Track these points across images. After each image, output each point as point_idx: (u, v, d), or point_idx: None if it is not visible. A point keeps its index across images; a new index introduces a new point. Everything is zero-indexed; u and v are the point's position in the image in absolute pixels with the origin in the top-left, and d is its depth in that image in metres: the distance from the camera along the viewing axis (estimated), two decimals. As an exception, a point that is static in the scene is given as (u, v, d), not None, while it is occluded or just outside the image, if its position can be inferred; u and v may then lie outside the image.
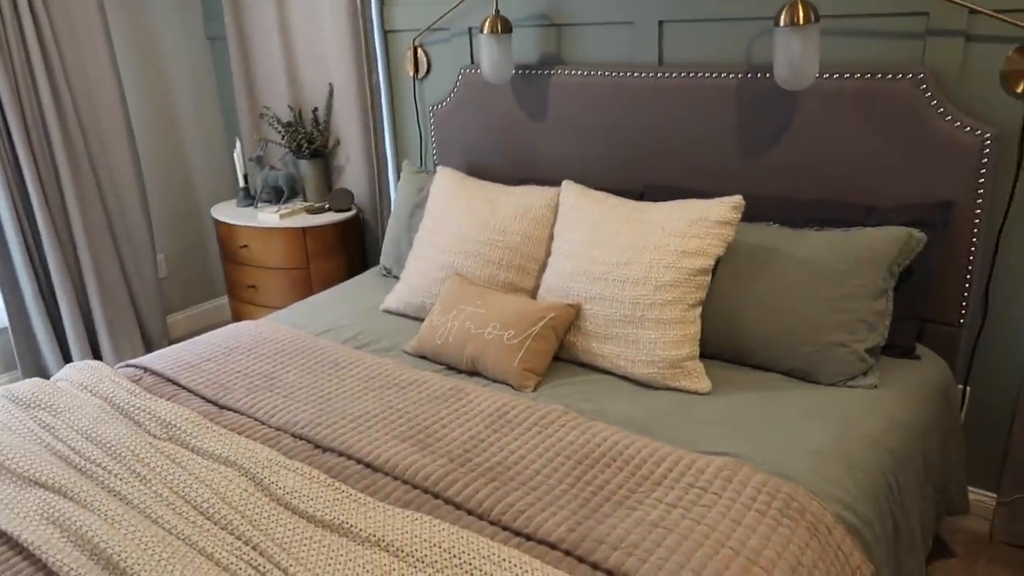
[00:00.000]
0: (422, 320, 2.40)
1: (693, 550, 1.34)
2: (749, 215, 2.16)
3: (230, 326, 2.39)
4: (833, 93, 2.07)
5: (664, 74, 2.33)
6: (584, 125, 2.53)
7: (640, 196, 2.38)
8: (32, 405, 1.85)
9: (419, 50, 2.95)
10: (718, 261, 1.98)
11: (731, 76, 2.22)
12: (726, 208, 1.94)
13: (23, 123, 2.89)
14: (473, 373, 2.06)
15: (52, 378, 2.03)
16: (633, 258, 1.96)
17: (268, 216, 3.16)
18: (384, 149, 3.22)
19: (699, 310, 1.95)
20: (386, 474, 1.61)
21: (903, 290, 1.97)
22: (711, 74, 2.25)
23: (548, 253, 2.27)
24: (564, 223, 2.18)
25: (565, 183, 2.27)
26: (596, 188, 2.29)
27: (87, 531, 1.38)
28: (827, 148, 2.11)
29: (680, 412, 1.82)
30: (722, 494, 1.47)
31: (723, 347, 2.00)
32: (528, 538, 1.41)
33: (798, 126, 2.14)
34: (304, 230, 3.11)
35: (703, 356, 2.02)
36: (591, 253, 2.04)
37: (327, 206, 3.27)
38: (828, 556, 1.40)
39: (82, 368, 2.04)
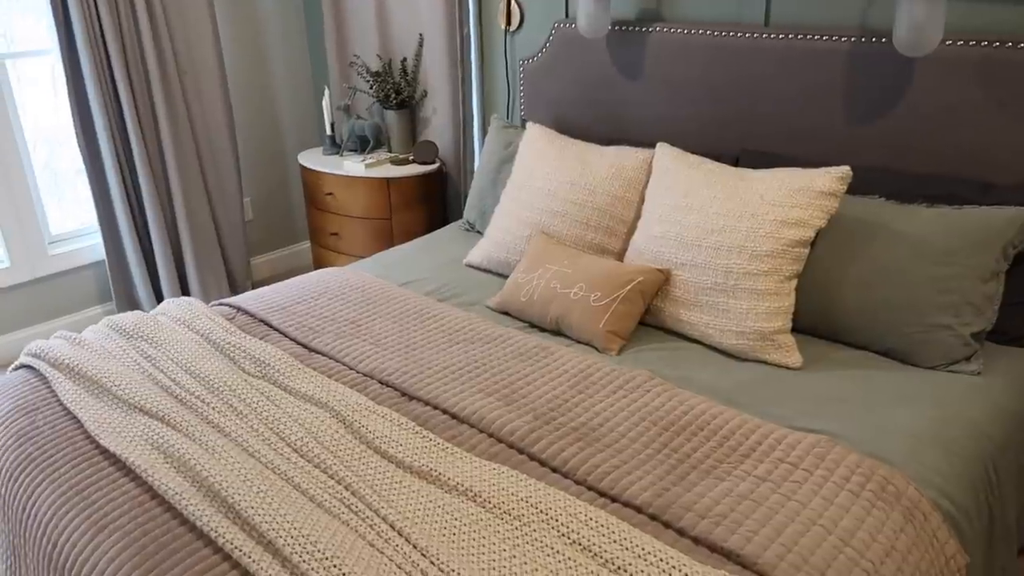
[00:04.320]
0: (505, 276, 2.40)
1: (784, 525, 1.31)
2: (852, 187, 2.07)
3: (316, 272, 2.44)
4: (954, 60, 1.95)
5: (770, 35, 2.24)
6: (680, 86, 2.46)
7: (735, 161, 2.31)
8: (135, 336, 1.93)
9: (513, 2, 2.90)
10: (818, 233, 1.91)
11: (843, 39, 2.11)
12: (832, 179, 1.86)
13: (125, 68, 2.97)
14: (556, 332, 2.06)
15: (151, 312, 2.11)
16: (729, 225, 1.91)
17: (354, 165, 3.19)
18: (471, 102, 3.20)
19: (795, 282, 1.89)
20: (471, 426, 1.63)
21: (1015, 274, 1.87)
22: (821, 36, 2.15)
23: (638, 216, 2.23)
24: (657, 186, 2.13)
25: (660, 145, 2.22)
26: (689, 151, 2.23)
27: (189, 459, 1.44)
28: (943, 119, 2.00)
29: (769, 386, 1.78)
30: (814, 471, 1.44)
31: (817, 322, 1.94)
32: (613, 500, 1.41)
33: (912, 95, 2.03)
34: (388, 181, 3.13)
35: (795, 331, 1.97)
36: (685, 218, 1.99)
37: (411, 158, 3.28)
38: (923, 543, 1.36)
39: (179, 304, 2.11)
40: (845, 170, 1.87)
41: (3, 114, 2.90)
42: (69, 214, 3.27)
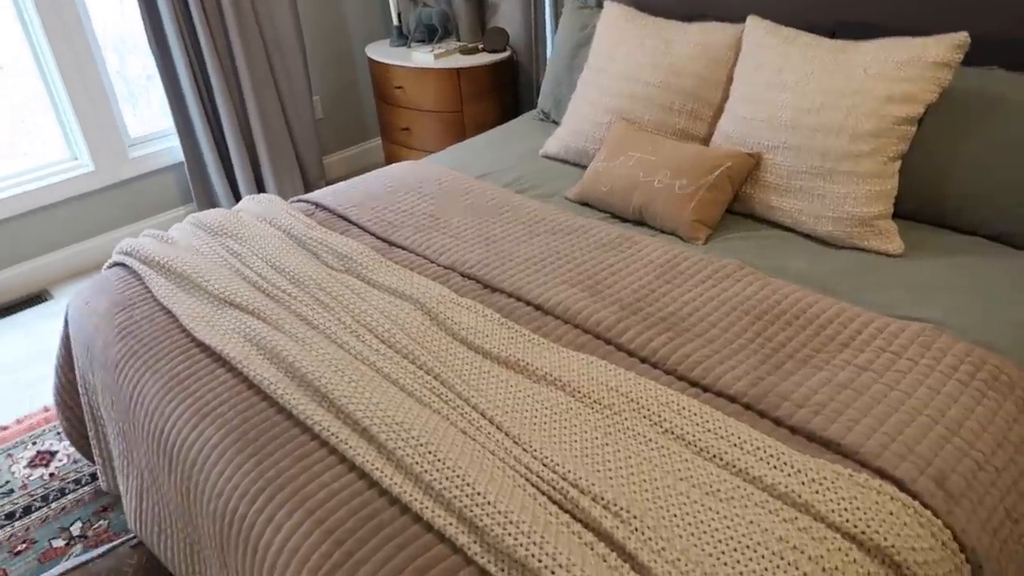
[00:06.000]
0: (583, 166, 2.33)
1: (887, 415, 1.26)
2: (965, 59, 1.89)
3: (391, 166, 2.41)
4: (1097, -95, 1.72)
5: None
6: (772, -48, 2.25)
7: (831, 35, 2.13)
8: (219, 233, 1.95)
9: None
10: (927, 109, 1.76)
11: None
12: (946, 47, 1.70)
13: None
14: (639, 222, 1.99)
15: (232, 209, 2.12)
16: (828, 103, 1.77)
17: (423, 56, 3.09)
18: (542, -16, 3.04)
19: (899, 164, 1.76)
20: (556, 317, 1.61)
21: None
22: None
23: (725, 98, 2.10)
24: (747, 64, 1.99)
25: (750, 18, 2.06)
26: (782, 25, 2.06)
27: (281, 350, 1.47)
28: (1078, -24, 1.78)
29: (868, 274, 1.69)
30: (919, 361, 1.37)
31: (921, 206, 1.82)
32: (705, 389, 1.38)
33: (1043, -51, 1.81)
34: (458, 71, 3.04)
35: (896, 215, 1.86)
36: (778, 97, 1.86)
37: (481, 46, 3.16)
38: (1037, 434, 1.29)
39: (259, 200, 2.12)
40: (962, 36, 1.70)
41: (75, 19, 2.90)
42: (143, 120, 3.30)
